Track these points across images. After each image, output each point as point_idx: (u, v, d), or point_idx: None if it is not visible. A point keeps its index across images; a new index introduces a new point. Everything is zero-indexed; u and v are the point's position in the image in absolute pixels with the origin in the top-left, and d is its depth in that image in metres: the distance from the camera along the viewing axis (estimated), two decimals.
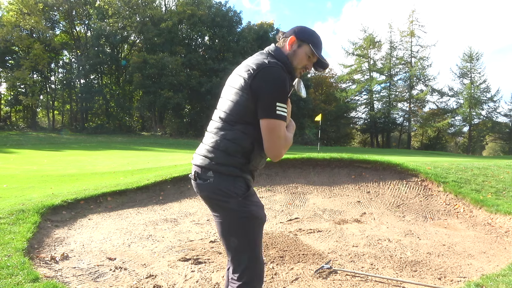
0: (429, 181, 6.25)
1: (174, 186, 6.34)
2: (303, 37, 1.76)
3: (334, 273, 3.17)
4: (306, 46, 1.76)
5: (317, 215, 5.24)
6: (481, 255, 3.77)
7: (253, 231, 1.73)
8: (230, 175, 1.69)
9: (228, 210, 1.71)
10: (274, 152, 1.66)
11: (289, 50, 1.77)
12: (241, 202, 1.69)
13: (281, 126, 1.63)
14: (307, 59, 1.78)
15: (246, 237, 1.71)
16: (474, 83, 44.04)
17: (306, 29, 1.81)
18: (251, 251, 1.73)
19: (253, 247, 1.73)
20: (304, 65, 1.78)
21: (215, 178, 1.69)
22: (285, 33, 1.82)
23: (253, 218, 1.72)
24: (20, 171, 10.54)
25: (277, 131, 1.62)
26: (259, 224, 1.76)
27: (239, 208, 1.69)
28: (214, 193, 1.71)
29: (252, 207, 1.73)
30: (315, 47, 1.75)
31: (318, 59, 1.79)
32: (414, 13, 45.70)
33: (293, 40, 1.76)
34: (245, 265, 1.72)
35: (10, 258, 3.02)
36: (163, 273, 3.12)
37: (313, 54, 1.77)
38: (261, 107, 1.62)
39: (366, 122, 48.41)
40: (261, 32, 40.79)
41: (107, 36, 38.55)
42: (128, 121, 42.55)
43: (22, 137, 29.09)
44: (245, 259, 1.72)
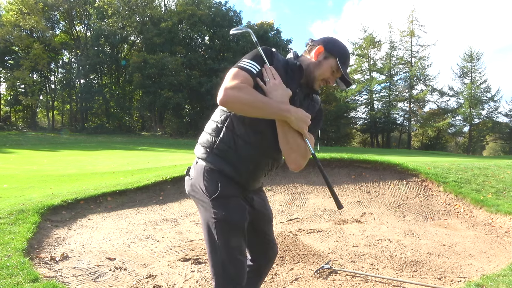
0: (429, 181, 6.24)
1: (174, 186, 6.34)
2: (332, 49, 1.68)
3: (334, 273, 3.17)
4: (333, 60, 1.67)
5: (317, 215, 5.24)
6: (481, 255, 3.77)
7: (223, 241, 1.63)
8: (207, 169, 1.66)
9: (200, 209, 1.72)
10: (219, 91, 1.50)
11: (315, 60, 1.69)
12: (211, 203, 1.63)
13: (237, 72, 1.54)
14: (331, 72, 1.69)
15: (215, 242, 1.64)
16: (475, 83, 44.01)
17: (337, 42, 1.73)
18: (222, 258, 1.64)
19: (224, 254, 1.63)
20: (326, 77, 1.70)
21: (195, 173, 1.71)
22: (314, 41, 1.75)
23: (224, 223, 1.63)
24: (20, 171, 10.53)
25: (230, 73, 1.54)
26: (232, 231, 1.64)
27: (209, 210, 1.64)
28: (190, 190, 1.74)
29: (222, 210, 1.62)
30: (341, 62, 1.67)
31: (342, 75, 1.70)
32: (414, 13, 45.69)
33: (321, 50, 1.68)
34: (214, 269, 1.66)
35: (10, 258, 3.02)
36: (163, 273, 3.12)
37: (337, 69, 1.68)
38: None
39: (366, 122, 48.39)
40: (261, 32, 40.79)
41: (106, 36, 38.56)
42: (128, 121, 42.55)
43: (22, 137, 29.09)
44: (216, 264, 1.66)
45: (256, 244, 1.90)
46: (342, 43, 1.74)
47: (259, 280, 1.99)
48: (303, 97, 1.74)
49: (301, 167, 1.68)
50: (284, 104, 1.56)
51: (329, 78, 1.70)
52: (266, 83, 1.59)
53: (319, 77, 1.70)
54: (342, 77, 1.72)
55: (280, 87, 1.59)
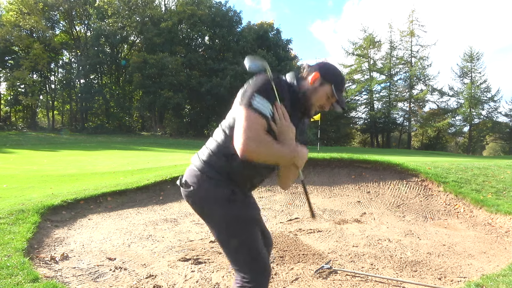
0: (429, 181, 6.24)
1: (174, 186, 6.33)
2: (327, 76, 1.72)
3: (334, 273, 3.17)
4: (328, 86, 1.71)
5: (317, 215, 5.24)
6: (481, 255, 3.77)
7: (245, 234, 1.71)
8: (217, 179, 1.69)
9: (217, 217, 1.72)
10: (237, 142, 1.52)
11: (310, 85, 1.73)
12: (229, 207, 1.68)
13: (254, 118, 1.53)
14: (326, 98, 1.73)
15: (236, 240, 1.70)
16: (475, 83, 44.04)
17: (332, 68, 1.78)
18: (249, 252, 1.72)
19: (249, 248, 1.72)
20: (321, 104, 1.75)
21: (201, 184, 1.71)
22: (310, 66, 1.78)
23: (242, 221, 1.72)
24: (20, 171, 10.54)
25: (247, 121, 1.52)
26: (250, 226, 1.74)
27: (228, 214, 1.69)
28: (201, 200, 1.73)
29: (244, 211, 1.73)
30: (336, 88, 1.72)
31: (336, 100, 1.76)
32: (414, 13, 45.76)
33: (317, 76, 1.72)
34: (246, 271, 1.71)
35: (10, 258, 3.02)
36: (163, 273, 3.12)
37: (332, 96, 1.73)
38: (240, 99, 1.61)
39: (366, 122, 48.40)
40: (261, 32, 40.78)
41: (106, 36, 38.55)
42: (128, 121, 42.55)
43: (22, 137, 29.09)
44: (245, 265, 1.71)
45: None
46: (337, 69, 1.80)
47: None
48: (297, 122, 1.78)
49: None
50: (294, 150, 1.63)
51: (324, 104, 1.75)
52: (277, 124, 1.62)
53: (316, 103, 1.74)
54: (337, 102, 1.77)
55: (289, 129, 1.64)
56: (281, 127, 1.62)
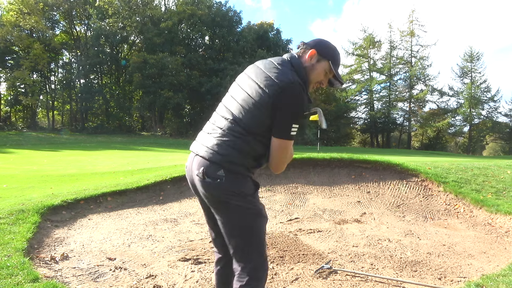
0: (429, 181, 6.24)
1: (174, 186, 6.34)
2: (324, 52, 1.75)
3: (334, 273, 3.17)
4: (326, 62, 1.75)
5: (317, 215, 5.24)
6: (481, 255, 3.77)
7: (261, 229, 1.80)
8: (240, 173, 1.72)
9: (238, 210, 1.73)
10: (279, 167, 1.77)
11: (307, 63, 1.75)
12: (250, 200, 1.74)
13: (290, 146, 1.73)
14: (324, 74, 1.77)
15: (255, 235, 1.77)
16: (475, 83, 44.04)
17: (328, 44, 1.80)
18: (260, 248, 1.78)
19: (262, 244, 1.79)
20: (320, 80, 1.78)
21: (226, 177, 1.68)
22: (306, 43, 1.80)
23: (261, 217, 1.80)
24: (20, 171, 10.54)
25: (287, 150, 1.72)
26: (265, 223, 1.84)
27: (249, 207, 1.74)
28: (225, 193, 1.70)
29: (259, 206, 1.80)
30: (334, 64, 1.75)
31: (334, 75, 1.79)
32: (414, 13, 45.79)
33: (314, 53, 1.74)
34: (256, 262, 1.77)
35: (10, 258, 3.02)
36: (163, 273, 3.12)
37: (330, 71, 1.76)
38: (277, 126, 1.67)
39: (366, 122, 48.40)
40: (261, 32, 40.77)
41: (107, 36, 38.55)
42: (128, 121, 42.54)
43: (22, 137, 29.09)
44: (255, 257, 1.77)
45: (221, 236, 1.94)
46: (332, 44, 1.81)
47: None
48: None
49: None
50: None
51: (322, 80, 1.78)
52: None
53: (314, 80, 1.77)
54: (334, 77, 1.81)
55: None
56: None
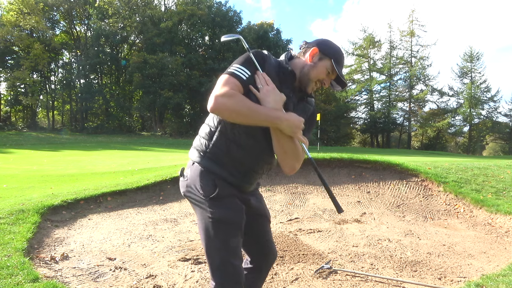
0: (429, 181, 6.24)
1: (174, 186, 6.33)
2: (326, 51, 1.68)
3: (334, 273, 3.17)
4: (328, 61, 1.67)
5: (317, 215, 5.24)
6: (481, 255, 3.77)
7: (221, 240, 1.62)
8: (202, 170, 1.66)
9: (196, 211, 1.70)
10: (209, 100, 1.52)
11: (309, 62, 1.69)
12: (208, 203, 1.63)
13: (227, 78, 1.53)
14: (326, 74, 1.68)
15: (212, 247, 1.64)
16: (475, 83, 44.04)
17: (331, 43, 1.73)
18: (220, 265, 1.63)
19: (223, 260, 1.63)
20: (321, 79, 1.69)
21: (190, 174, 1.70)
22: (308, 43, 1.76)
23: (220, 224, 1.63)
24: (20, 171, 10.53)
25: (220, 81, 1.54)
26: (227, 228, 1.64)
27: (205, 210, 1.64)
28: (186, 191, 1.72)
29: (219, 210, 1.63)
30: (336, 63, 1.66)
31: (337, 76, 1.70)
32: (414, 13, 45.73)
33: (316, 51, 1.68)
34: (213, 268, 1.65)
35: (10, 258, 3.02)
36: (163, 273, 3.12)
37: (333, 71, 1.67)
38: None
39: (366, 122, 48.38)
40: (261, 32, 40.78)
41: (107, 36, 38.57)
42: (128, 121, 42.55)
43: (22, 137, 29.10)
44: (217, 274, 1.64)
45: (255, 244, 1.89)
46: (335, 44, 1.75)
47: (259, 281, 1.99)
48: (296, 101, 1.73)
49: (296, 170, 1.70)
50: (275, 111, 1.55)
51: (324, 79, 1.70)
52: (260, 89, 1.58)
53: (314, 79, 1.69)
54: (337, 79, 1.73)
55: (274, 92, 1.58)
56: (262, 91, 1.57)
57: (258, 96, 1.58)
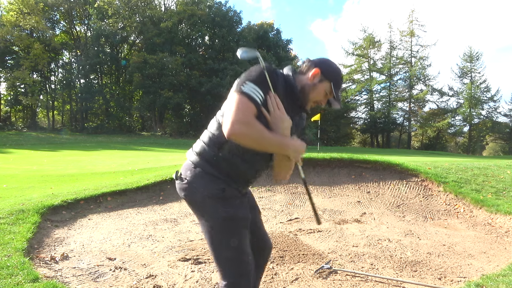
0: (429, 181, 6.25)
1: (174, 186, 6.29)
2: (327, 73, 1.72)
3: (334, 273, 3.17)
4: (327, 83, 1.71)
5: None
6: (481, 255, 3.77)
7: (233, 240, 1.67)
8: (208, 173, 1.67)
9: (205, 214, 1.70)
10: (225, 124, 1.49)
11: (310, 81, 1.72)
12: (215, 203, 1.66)
13: (244, 102, 1.51)
14: (324, 95, 1.74)
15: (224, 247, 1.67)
16: (474, 83, 44.06)
17: (332, 65, 1.77)
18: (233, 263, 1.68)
19: (235, 258, 1.68)
20: (318, 100, 1.75)
21: (192, 177, 1.69)
22: (310, 61, 1.78)
23: (232, 222, 1.67)
24: (20, 171, 10.54)
25: (237, 104, 1.50)
26: (236, 225, 1.69)
27: (216, 211, 1.66)
28: (190, 194, 1.70)
29: (234, 209, 1.68)
30: (335, 86, 1.72)
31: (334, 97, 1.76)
32: (414, 13, 45.82)
33: (317, 72, 1.71)
34: (230, 280, 1.67)
35: (10, 258, 3.02)
36: (163, 273, 3.12)
37: (330, 92, 1.73)
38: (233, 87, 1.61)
39: (366, 122, 48.40)
40: (261, 32, 40.79)
41: (107, 36, 38.56)
42: (128, 121, 42.55)
43: (22, 137, 29.10)
44: (228, 273, 1.68)
45: (252, 238, 1.90)
46: (336, 66, 1.79)
47: (258, 280, 2.00)
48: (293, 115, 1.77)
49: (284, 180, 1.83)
50: (285, 140, 1.60)
51: (321, 100, 1.75)
52: (270, 113, 1.60)
53: (313, 99, 1.74)
54: (334, 98, 1.77)
55: (283, 118, 1.61)
56: (274, 115, 1.60)
57: (268, 119, 1.60)
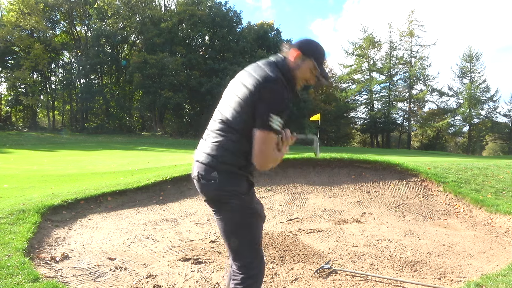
0: (429, 181, 6.25)
1: (174, 186, 6.34)
2: (308, 52, 1.80)
3: (334, 273, 3.17)
4: (310, 61, 1.80)
5: (317, 215, 5.25)
6: (481, 255, 3.77)
7: (257, 228, 1.87)
8: (233, 173, 1.79)
9: (233, 209, 1.80)
10: (260, 160, 1.72)
11: (293, 64, 1.81)
12: (245, 200, 1.81)
13: (271, 138, 1.68)
14: (310, 73, 1.82)
15: (250, 234, 1.85)
16: (474, 83, 44.07)
17: (311, 43, 1.84)
18: (255, 247, 1.86)
19: (257, 242, 1.87)
20: (306, 78, 1.83)
21: (219, 178, 1.77)
22: (291, 44, 1.86)
23: (257, 216, 1.87)
24: (20, 171, 10.54)
25: (267, 142, 1.68)
26: (261, 221, 1.91)
27: (243, 206, 1.81)
28: (219, 193, 1.79)
29: (255, 205, 1.87)
30: (317, 62, 1.80)
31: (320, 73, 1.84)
32: (414, 13, 45.82)
33: (298, 54, 1.80)
34: (250, 260, 1.84)
35: (10, 258, 3.03)
36: (163, 273, 3.13)
37: (315, 69, 1.81)
38: (258, 118, 1.70)
39: (366, 122, 48.41)
40: (261, 32, 40.79)
41: (107, 36, 38.57)
42: (128, 121, 42.56)
43: (22, 137, 29.11)
44: (250, 255, 1.85)
45: None
46: (317, 43, 1.85)
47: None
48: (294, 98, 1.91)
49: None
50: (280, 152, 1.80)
51: (309, 78, 1.83)
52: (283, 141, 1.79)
53: (301, 79, 1.83)
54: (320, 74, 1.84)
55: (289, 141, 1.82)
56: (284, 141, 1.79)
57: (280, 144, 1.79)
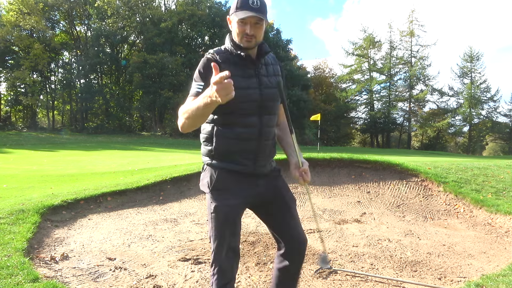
0: (429, 181, 6.24)
1: (174, 186, 6.34)
2: (230, 11, 1.84)
3: (334, 273, 3.17)
4: (234, 16, 1.79)
5: (317, 215, 5.24)
6: (481, 255, 3.77)
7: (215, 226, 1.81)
8: (205, 165, 1.91)
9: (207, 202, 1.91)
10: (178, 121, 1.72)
11: (232, 29, 1.85)
12: (210, 196, 1.85)
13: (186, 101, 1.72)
14: (240, 25, 1.77)
15: (210, 231, 1.85)
16: (474, 83, 44.06)
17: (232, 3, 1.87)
18: (217, 249, 1.81)
19: (218, 245, 1.81)
20: (242, 31, 1.76)
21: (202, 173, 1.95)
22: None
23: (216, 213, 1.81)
24: (20, 171, 10.54)
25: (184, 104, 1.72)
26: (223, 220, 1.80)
27: (208, 203, 1.87)
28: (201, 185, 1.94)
29: (216, 202, 1.81)
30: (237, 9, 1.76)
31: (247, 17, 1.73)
32: (414, 13, 45.79)
33: (228, 19, 1.87)
34: (212, 257, 1.84)
35: (10, 258, 3.02)
36: (163, 273, 3.12)
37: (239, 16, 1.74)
38: None
39: (366, 122, 48.40)
40: None
41: (107, 36, 38.55)
42: (128, 121, 42.52)
43: (22, 137, 29.10)
44: (212, 251, 1.84)
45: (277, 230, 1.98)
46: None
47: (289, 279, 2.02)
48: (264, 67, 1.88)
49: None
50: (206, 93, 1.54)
51: (244, 29, 1.76)
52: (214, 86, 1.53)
53: (239, 35, 1.78)
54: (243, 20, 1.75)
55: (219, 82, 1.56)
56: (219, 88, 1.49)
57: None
